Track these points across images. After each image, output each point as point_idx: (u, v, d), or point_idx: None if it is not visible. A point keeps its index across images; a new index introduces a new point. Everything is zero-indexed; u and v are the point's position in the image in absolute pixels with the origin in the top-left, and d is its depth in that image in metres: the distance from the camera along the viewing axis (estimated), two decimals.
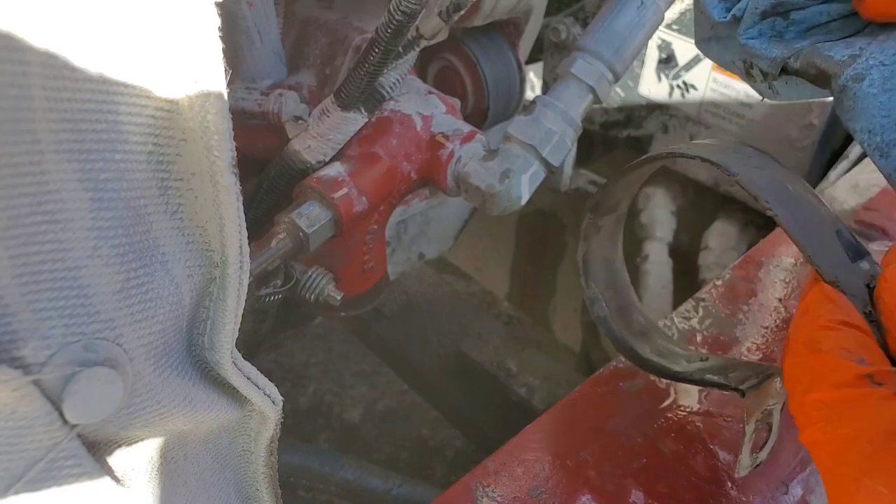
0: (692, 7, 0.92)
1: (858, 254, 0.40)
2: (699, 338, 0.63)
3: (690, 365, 0.54)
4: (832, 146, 1.05)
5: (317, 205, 0.58)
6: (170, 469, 0.37)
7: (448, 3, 0.52)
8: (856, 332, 0.35)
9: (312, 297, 0.62)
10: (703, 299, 0.67)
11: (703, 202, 1.19)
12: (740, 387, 0.49)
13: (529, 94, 0.82)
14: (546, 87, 1.07)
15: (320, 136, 0.59)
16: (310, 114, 0.62)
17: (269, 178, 0.63)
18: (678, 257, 1.19)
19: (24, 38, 0.24)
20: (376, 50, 0.53)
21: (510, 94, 0.77)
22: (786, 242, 0.71)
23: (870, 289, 0.39)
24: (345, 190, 0.59)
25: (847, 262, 0.39)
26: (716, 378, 0.52)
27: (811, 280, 0.40)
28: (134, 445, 0.34)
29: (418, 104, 0.64)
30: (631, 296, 0.56)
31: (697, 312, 0.65)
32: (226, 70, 0.30)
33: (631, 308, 0.55)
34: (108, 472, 0.32)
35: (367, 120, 0.60)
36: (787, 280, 0.68)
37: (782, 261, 0.69)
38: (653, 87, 1.06)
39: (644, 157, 0.49)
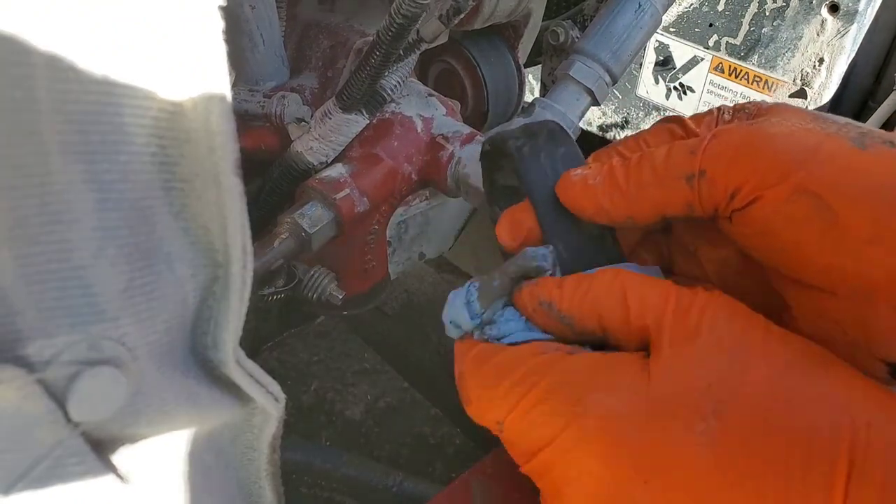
0: (690, 10, 0.93)
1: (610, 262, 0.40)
2: None
3: None
4: None
5: (319, 205, 0.58)
6: (173, 467, 0.37)
7: (448, 6, 0.53)
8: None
9: (315, 296, 0.62)
10: None
11: None
12: None
13: (528, 97, 0.83)
14: (544, 90, 1.08)
15: (322, 137, 0.60)
16: (312, 116, 0.62)
17: (271, 179, 0.63)
18: None
19: (29, 40, 0.25)
20: (377, 53, 0.54)
21: (509, 97, 0.77)
22: None
23: None
24: (346, 191, 0.59)
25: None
26: None
27: None
28: (138, 443, 0.34)
29: (419, 106, 0.64)
30: None
31: None
32: (229, 72, 0.30)
33: None
34: (112, 469, 0.32)
35: (368, 122, 0.60)
36: None
37: None
38: (650, 89, 1.06)
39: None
